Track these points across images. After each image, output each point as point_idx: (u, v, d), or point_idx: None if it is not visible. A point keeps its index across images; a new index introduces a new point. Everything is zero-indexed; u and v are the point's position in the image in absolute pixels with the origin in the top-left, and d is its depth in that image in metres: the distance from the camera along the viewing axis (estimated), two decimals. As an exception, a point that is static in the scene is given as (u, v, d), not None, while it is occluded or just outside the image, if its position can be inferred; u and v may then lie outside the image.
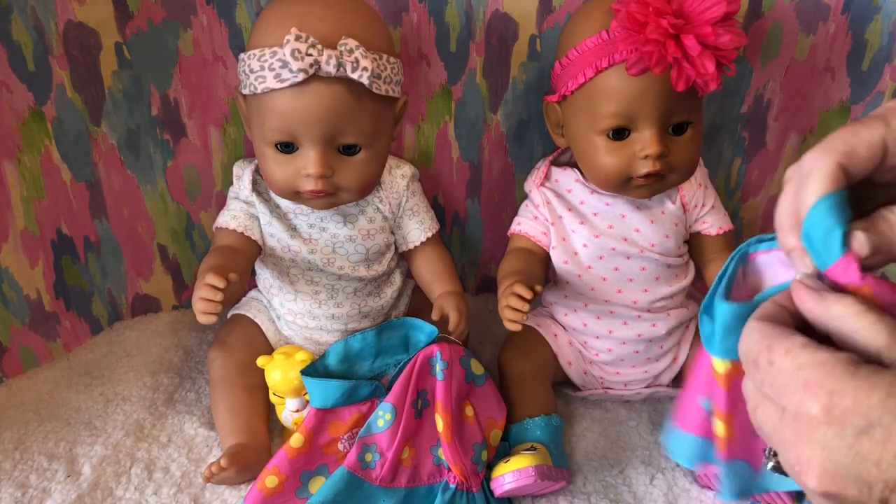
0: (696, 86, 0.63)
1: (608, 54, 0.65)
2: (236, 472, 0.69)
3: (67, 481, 0.71)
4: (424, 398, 0.70)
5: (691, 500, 0.70)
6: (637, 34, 0.62)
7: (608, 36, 0.65)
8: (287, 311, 0.80)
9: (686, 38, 0.61)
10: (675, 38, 0.61)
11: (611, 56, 0.65)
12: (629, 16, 0.61)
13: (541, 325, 0.80)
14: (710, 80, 0.62)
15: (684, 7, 0.62)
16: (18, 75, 0.74)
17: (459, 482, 0.68)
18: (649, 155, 0.67)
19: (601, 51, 0.66)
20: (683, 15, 0.61)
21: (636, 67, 0.63)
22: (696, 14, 0.61)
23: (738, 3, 0.62)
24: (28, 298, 0.82)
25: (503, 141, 0.84)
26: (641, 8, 0.61)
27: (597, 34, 0.66)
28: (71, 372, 0.85)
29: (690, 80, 0.62)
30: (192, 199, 0.87)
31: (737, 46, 0.62)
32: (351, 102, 0.66)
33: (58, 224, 0.83)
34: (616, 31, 0.65)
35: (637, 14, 0.61)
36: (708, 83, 0.63)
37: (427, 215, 0.81)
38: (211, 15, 0.77)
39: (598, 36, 0.66)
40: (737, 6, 0.62)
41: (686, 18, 0.61)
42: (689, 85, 0.63)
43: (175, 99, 0.81)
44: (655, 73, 0.62)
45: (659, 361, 0.78)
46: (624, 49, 0.64)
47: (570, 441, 0.77)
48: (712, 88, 0.63)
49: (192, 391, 0.82)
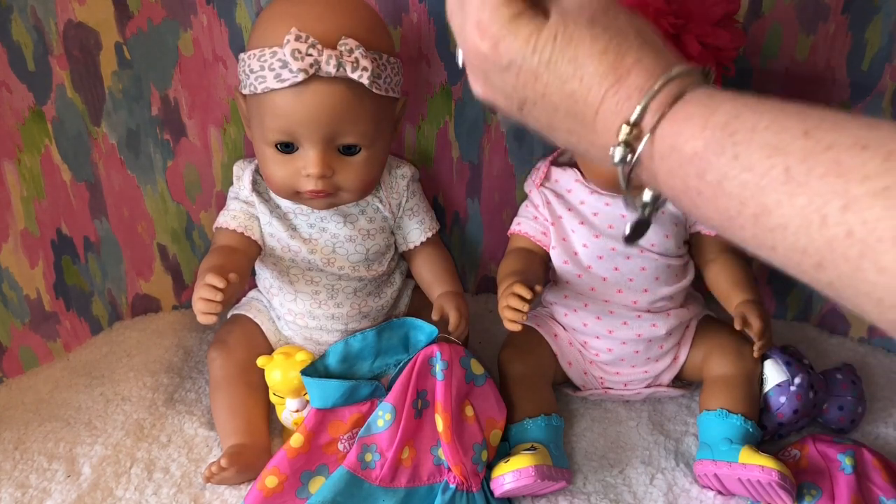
0: None
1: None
2: (236, 472, 0.69)
3: (67, 481, 0.71)
4: (424, 398, 0.70)
5: (691, 500, 0.70)
6: None
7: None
8: (287, 311, 0.80)
9: (686, 38, 0.60)
10: (674, 38, 0.61)
11: None
12: None
13: (541, 325, 0.80)
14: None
15: (684, 7, 0.61)
16: (18, 75, 0.74)
17: (459, 482, 0.68)
18: None
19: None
20: (683, 15, 0.61)
21: None
22: (696, 14, 0.61)
23: (737, 3, 0.62)
24: (28, 298, 0.82)
25: (503, 141, 0.84)
26: (641, 8, 0.60)
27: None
28: (71, 372, 0.85)
29: None
30: (192, 199, 0.87)
31: (737, 46, 0.62)
32: (351, 102, 0.66)
33: (58, 224, 0.83)
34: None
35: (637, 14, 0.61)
36: None
37: (427, 215, 0.81)
38: (211, 15, 0.77)
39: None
40: (736, 6, 0.62)
41: (686, 18, 0.61)
42: None
43: (175, 99, 0.81)
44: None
45: (659, 361, 0.78)
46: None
47: (570, 441, 0.77)
48: None
49: (192, 391, 0.82)
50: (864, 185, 0.32)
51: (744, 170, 0.37)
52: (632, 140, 0.41)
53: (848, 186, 0.33)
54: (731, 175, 0.37)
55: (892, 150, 0.32)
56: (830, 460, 0.69)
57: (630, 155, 0.41)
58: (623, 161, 0.41)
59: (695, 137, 0.39)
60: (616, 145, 0.41)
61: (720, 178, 0.38)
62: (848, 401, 0.75)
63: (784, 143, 0.36)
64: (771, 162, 0.36)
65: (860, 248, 0.32)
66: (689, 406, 0.81)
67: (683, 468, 0.73)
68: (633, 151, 0.41)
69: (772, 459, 0.66)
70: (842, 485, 0.66)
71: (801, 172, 0.35)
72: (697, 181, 0.39)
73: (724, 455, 0.69)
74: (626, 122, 0.41)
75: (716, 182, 0.38)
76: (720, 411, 0.72)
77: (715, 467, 0.69)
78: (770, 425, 0.74)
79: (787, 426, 0.74)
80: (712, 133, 0.38)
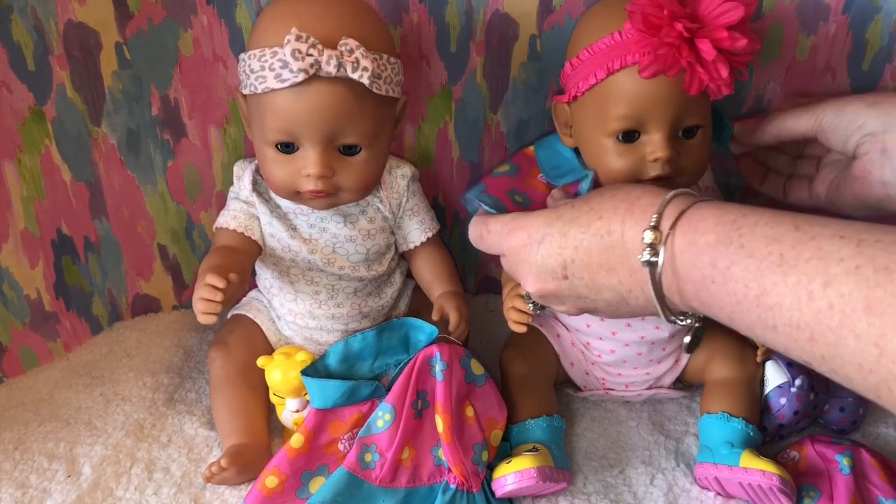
0: (709, 90, 0.62)
1: (620, 56, 0.64)
2: (236, 473, 0.69)
3: (67, 481, 0.71)
4: (424, 399, 0.70)
5: (691, 500, 0.70)
6: (651, 37, 0.60)
7: (621, 37, 0.64)
8: (287, 312, 0.80)
9: (701, 43, 0.59)
10: (689, 43, 0.59)
11: (623, 58, 0.64)
12: (644, 18, 0.60)
13: (543, 325, 0.80)
14: (723, 85, 0.61)
15: (699, 10, 0.60)
16: (18, 75, 0.74)
17: (460, 483, 0.68)
18: (659, 158, 0.66)
19: (613, 52, 0.64)
20: (698, 19, 0.60)
21: (649, 70, 0.61)
22: (712, 18, 0.60)
23: (753, 7, 0.60)
24: (28, 298, 0.82)
25: (503, 141, 0.84)
26: (656, 11, 0.59)
27: (609, 35, 0.64)
28: (71, 372, 0.85)
29: (703, 85, 0.61)
30: (192, 199, 0.87)
31: (752, 51, 0.61)
32: (351, 103, 0.66)
33: (58, 224, 0.83)
34: (629, 32, 0.63)
35: (652, 17, 0.59)
36: (721, 88, 0.61)
37: (427, 215, 0.81)
38: (211, 15, 0.77)
39: (610, 37, 0.64)
40: (752, 10, 0.60)
41: (701, 22, 0.60)
42: (702, 89, 0.61)
43: (175, 99, 0.81)
44: (668, 77, 0.61)
45: (661, 363, 0.78)
46: (637, 51, 0.62)
47: (570, 441, 0.77)
48: (725, 93, 0.62)
49: (192, 391, 0.82)
50: (839, 265, 0.40)
51: (747, 256, 0.45)
52: (655, 242, 0.50)
53: (827, 267, 0.41)
54: (738, 261, 0.45)
55: (863, 239, 0.40)
56: (829, 461, 0.69)
57: (655, 257, 0.50)
58: (650, 263, 0.50)
59: (708, 232, 0.48)
60: (643, 249, 0.51)
61: (729, 265, 0.46)
62: (849, 402, 0.75)
63: (779, 234, 0.44)
64: (769, 249, 0.44)
65: (840, 318, 0.39)
66: (690, 406, 0.81)
67: (684, 468, 0.73)
68: (657, 253, 0.50)
69: (773, 464, 0.66)
70: (840, 486, 0.66)
71: (792, 257, 0.43)
72: (711, 269, 0.47)
73: (725, 459, 0.68)
74: (648, 228, 0.51)
75: (725, 268, 0.46)
76: (721, 415, 0.72)
77: (715, 471, 0.69)
78: (770, 427, 0.74)
79: (788, 427, 0.74)
80: (723, 228, 0.47)
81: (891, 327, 0.37)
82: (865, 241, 0.40)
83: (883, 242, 0.40)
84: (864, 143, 0.63)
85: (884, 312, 0.38)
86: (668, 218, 0.50)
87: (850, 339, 0.39)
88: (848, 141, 0.64)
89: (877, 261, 0.39)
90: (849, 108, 0.64)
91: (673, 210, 0.51)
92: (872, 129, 0.62)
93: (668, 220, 0.50)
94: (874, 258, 0.39)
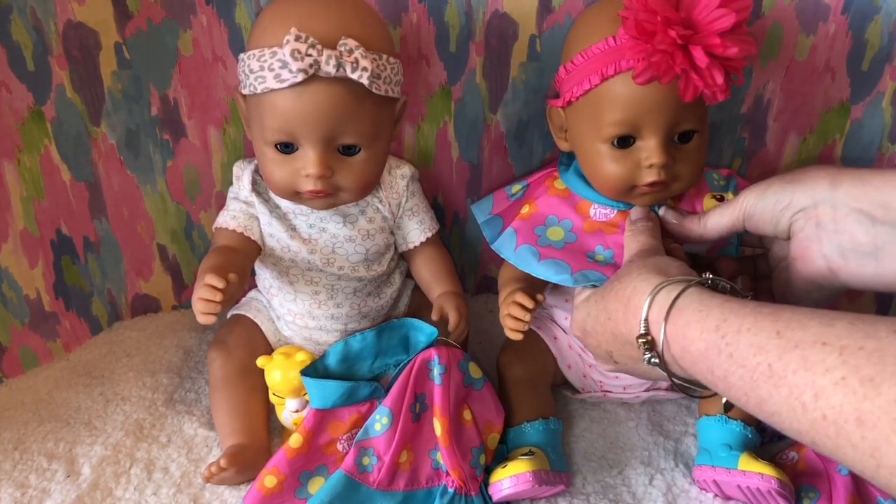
0: (704, 96, 0.61)
1: (614, 62, 0.64)
2: (236, 473, 0.69)
3: (67, 481, 0.71)
4: (422, 402, 0.70)
5: (690, 500, 0.70)
6: (644, 43, 0.60)
7: (615, 43, 0.64)
8: (287, 312, 0.80)
9: (694, 50, 0.59)
10: (683, 49, 0.59)
11: (617, 64, 0.63)
12: (637, 24, 0.59)
13: (541, 328, 0.79)
14: (718, 91, 0.60)
15: (692, 17, 0.59)
16: (18, 75, 0.74)
17: (458, 486, 0.68)
18: (654, 164, 0.65)
19: (607, 58, 0.64)
20: (692, 25, 0.59)
21: (643, 77, 0.61)
22: (705, 24, 0.59)
23: (747, 13, 0.59)
24: (28, 298, 0.82)
25: (503, 141, 0.84)
26: (650, 17, 0.58)
27: (603, 40, 0.64)
28: (71, 372, 0.85)
29: (698, 91, 0.60)
30: (192, 199, 0.87)
31: (745, 56, 0.60)
32: (351, 103, 0.66)
33: (57, 224, 0.83)
34: (623, 38, 0.63)
35: (645, 23, 0.59)
36: (716, 94, 0.61)
37: (427, 215, 0.81)
38: (211, 15, 0.77)
39: (604, 42, 0.64)
40: (746, 15, 0.59)
41: (695, 29, 0.59)
42: (697, 96, 0.61)
43: (175, 99, 0.81)
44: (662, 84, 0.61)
45: (659, 364, 0.78)
46: (631, 57, 0.62)
47: (569, 442, 0.77)
48: (720, 99, 0.61)
49: (191, 391, 0.82)
50: (826, 377, 0.40)
51: (739, 366, 0.46)
52: (652, 348, 0.53)
53: (815, 378, 0.41)
54: (731, 371, 0.46)
55: (845, 346, 0.40)
56: (828, 462, 0.68)
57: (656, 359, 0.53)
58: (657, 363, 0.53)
59: (696, 340, 0.49)
60: (644, 353, 0.54)
61: (725, 374, 0.47)
62: (848, 402, 0.75)
63: (762, 342, 0.45)
64: (757, 360, 0.44)
65: (835, 429, 0.40)
66: (689, 407, 0.81)
67: (683, 469, 0.73)
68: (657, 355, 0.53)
69: (771, 467, 0.66)
70: (839, 486, 0.66)
71: (780, 368, 0.43)
72: (711, 376, 0.48)
73: (723, 461, 0.68)
74: (640, 336, 0.54)
75: (723, 377, 0.47)
76: (720, 417, 0.71)
77: (714, 473, 0.68)
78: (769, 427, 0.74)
79: (787, 427, 0.74)
80: (709, 336, 0.48)
81: (884, 440, 0.37)
82: (848, 348, 0.40)
83: (865, 350, 0.40)
84: (796, 221, 0.61)
85: (874, 426, 0.38)
86: (655, 323, 0.53)
87: (848, 448, 0.39)
88: (779, 223, 0.62)
89: (861, 372, 0.39)
90: (770, 190, 0.62)
91: (658, 311, 0.53)
92: (802, 206, 0.60)
93: (656, 326, 0.53)
94: (858, 369, 0.39)
